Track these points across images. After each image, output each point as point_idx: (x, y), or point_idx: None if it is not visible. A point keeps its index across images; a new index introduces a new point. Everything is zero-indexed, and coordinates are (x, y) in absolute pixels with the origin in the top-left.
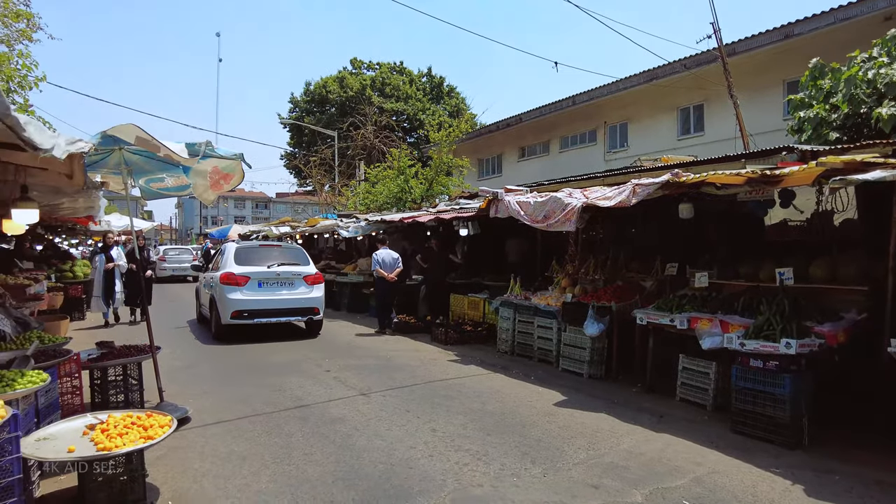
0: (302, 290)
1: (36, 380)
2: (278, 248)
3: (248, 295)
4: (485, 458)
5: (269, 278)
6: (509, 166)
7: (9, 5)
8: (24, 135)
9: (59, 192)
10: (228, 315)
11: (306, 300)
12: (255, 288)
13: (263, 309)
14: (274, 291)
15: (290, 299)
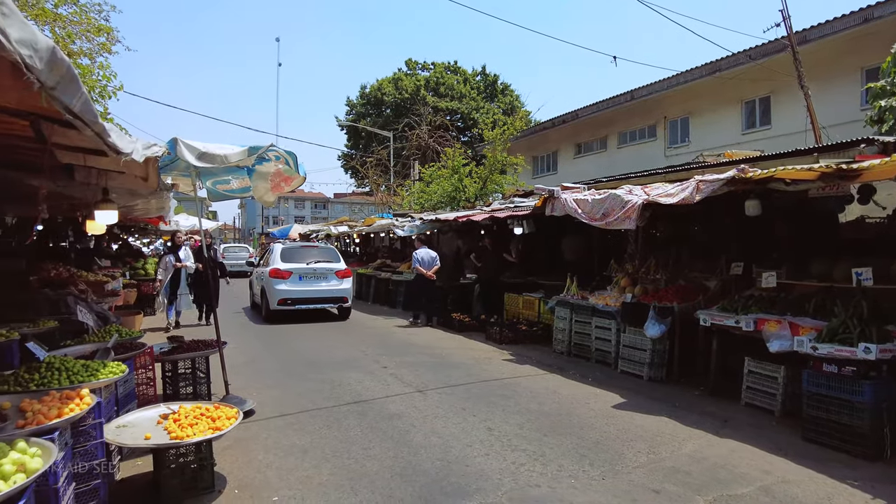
0: (334, 283)
1: (116, 371)
2: (316, 248)
3: (290, 286)
4: (542, 458)
5: (308, 273)
6: (565, 163)
7: (91, 21)
8: (109, 140)
9: (134, 194)
10: (275, 302)
11: (338, 291)
12: (297, 280)
13: (303, 297)
14: (311, 283)
15: (324, 290)
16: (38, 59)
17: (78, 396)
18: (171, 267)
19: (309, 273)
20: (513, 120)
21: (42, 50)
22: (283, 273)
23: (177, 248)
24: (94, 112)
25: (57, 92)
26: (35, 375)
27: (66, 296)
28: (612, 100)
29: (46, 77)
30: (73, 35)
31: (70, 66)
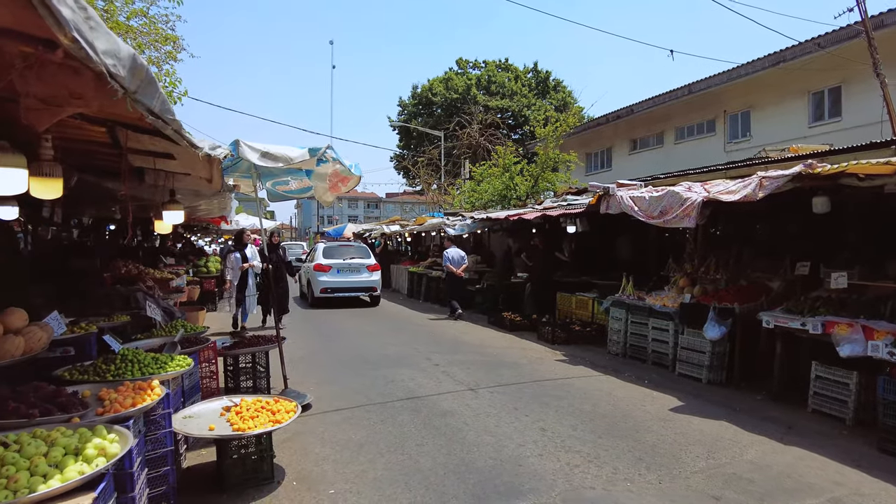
0: (365, 275)
1: (183, 364)
2: (352, 247)
3: (331, 278)
4: (596, 460)
5: (344, 267)
6: (619, 160)
7: (159, 31)
8: (185, 134)
9: (198, 195)
10: (318, 291)
11: (369, 282)
12: (336, 273)
13: (340, 287)
14: (347, 276)
15: (358, 281)
16: (122, 66)
17: (149, 387)
18: (238, 267)
19: (345, 267)
20: (565, 116)
21: (125, 58)
22: (325, 267)
23: (243, 246)
24: (172, 110)
25: (139, 95)
26: (111, 366)
27: (136, 292)
28: (668, 94)
29: (129, 83)
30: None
31: (148, 69)
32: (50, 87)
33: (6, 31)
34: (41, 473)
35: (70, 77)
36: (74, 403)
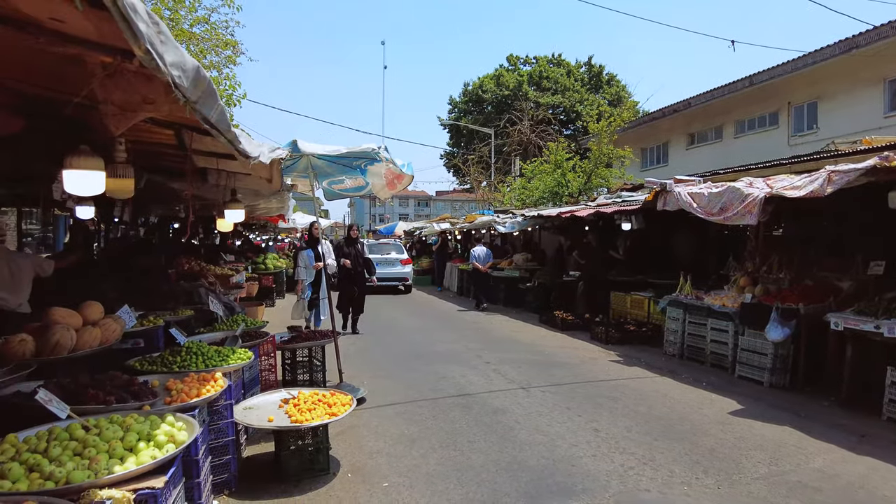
0: (399, 268)
1: (243, 357)
2: (388, 244)
3: None
4: (651, 463)
5: (382, 261)
6: (676, 155)
7: (220, 37)
8: (239, 146)
9: (258, 194)
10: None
11: (402, 273)
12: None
13: (380, 277)
14: (385, 268)
15: (393, 272)
16: (186, 78)
17: (213, 379)
18: (312, 266)
19: (383, 261)
20: (619, 111)
21: (189, 70)
22: None
23: (315, 242)
24: (228, 122)
25: (198, 105)
26: (177, 358)
27: (198, 287)
28: (728, 86)
29: (191, 93)
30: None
31: (210, 81)
32: (126, 94)
33: (90, 42)
34: (118, 456)
35: (144, 84)
36: (145, 392)
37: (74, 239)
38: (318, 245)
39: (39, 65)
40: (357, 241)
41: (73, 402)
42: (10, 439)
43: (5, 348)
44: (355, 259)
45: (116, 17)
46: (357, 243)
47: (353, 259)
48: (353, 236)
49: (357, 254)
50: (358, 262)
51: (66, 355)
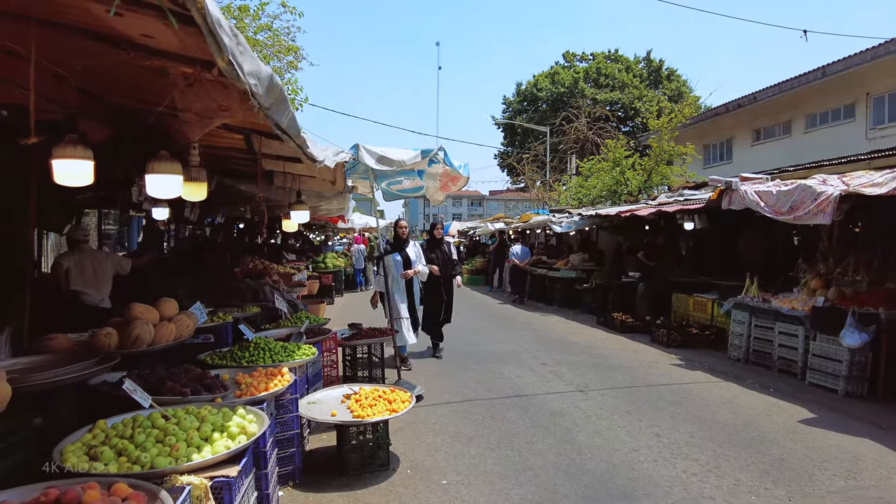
0: None
1: (308, 353)
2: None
3: None
4: (716, 470)
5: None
6: (741, 152)
7: (282, 43)
8: (307, 150)
9: (320, 196)
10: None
11: None
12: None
13: None
14: None
15: None
16: (261, 86)
17: (279, 373)
18: (400, 274)
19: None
20: (680, 107)
21: (264, 78)
22: None
23: (403, 244)
24: (298, 127)
25: (271, 112)
26: (245, 353)
27: (263, 286)
28: (797, 79)
29: (265, 100)
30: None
31: (282, 89)
32: (204, 102)
33: (174, 55)
34: (195, 445)
35: (220, 92)
36: (217, 385)
37: (148, 239)
38: (406, 247)
39: (127, 78)
40: (442, 242)
41: (153, 392)
42: (100, 425)
43: (93, 341)
44: (443, 265)
45: (205, 33)
46: (442, 244)
47: (440, 265)
48: (436, 236)
49: (445, 259)
50: (447, 266)
51: (145, 349)
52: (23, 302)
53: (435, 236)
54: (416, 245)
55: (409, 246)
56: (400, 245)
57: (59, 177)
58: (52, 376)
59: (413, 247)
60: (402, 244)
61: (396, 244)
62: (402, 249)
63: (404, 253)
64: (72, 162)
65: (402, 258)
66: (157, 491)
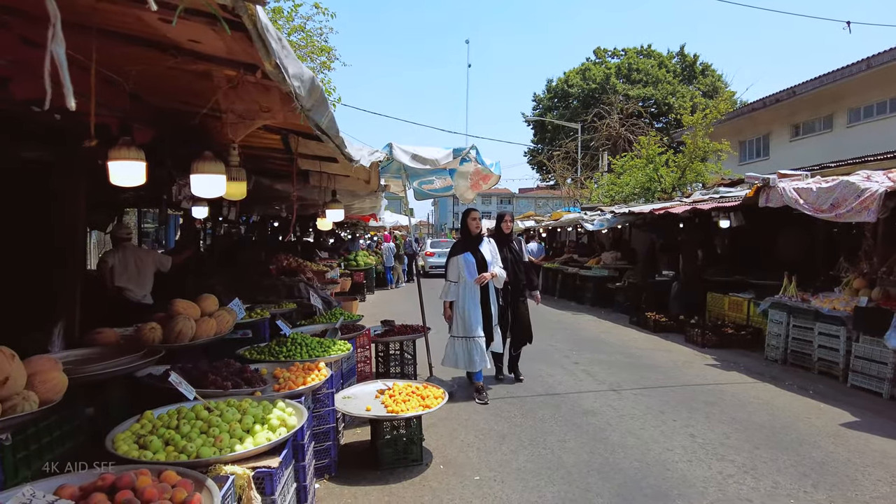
0: None
1: (343, 348)
2: (444, 241)
3: (433, 260)
4: (753, 472)
5: (440, 252)
6: (778, 148)
7: (314, 43)
8: (345, 150)
9: (354, 194)
10: (427, 268)
11: None
12: (436, 257)
13: (439, 266)
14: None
15: None
16: (303, 87)
17: (316, 368)
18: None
19: (441, 253)
20: (715, 102)
21: (306, 80)
22: (431, 253)
23: (477, 241)
24: (337, 128)
25: (312, 113)
26: (283, 348)
27: (298, 282)
28: (840, 71)
29: (306, 101)
30: (301, 57)
31: (322, 91)
32: (246, 103)
33: (219, 59)
34: (237, 436)
35: (262, 94)
36: (257, 379)
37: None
38: (481, 244)
39: (172, 81)
40: (511, 238)
41: (195, 385)
42: (147, 415)
43: (138, 335)
44: (514, 267)
45: (254, 38)
46: (512, 241)
47: (511, 267)
48: (505, 231)
49: (515, 259)
50: (518, 271)
51: (187, 343)
52: (73, 297)
53: (503, 231)
54: (491, 242)
55: (482, 243)
56: (472, 242)
57: (115, 177)
58: (101, 368)
59: (487, 244)
60: (474, 241)
61: (467, 241)
62: (474, 248)
63: (478, 252)
64: (126, 163)
65: (476, 259)
66: (203, 479)
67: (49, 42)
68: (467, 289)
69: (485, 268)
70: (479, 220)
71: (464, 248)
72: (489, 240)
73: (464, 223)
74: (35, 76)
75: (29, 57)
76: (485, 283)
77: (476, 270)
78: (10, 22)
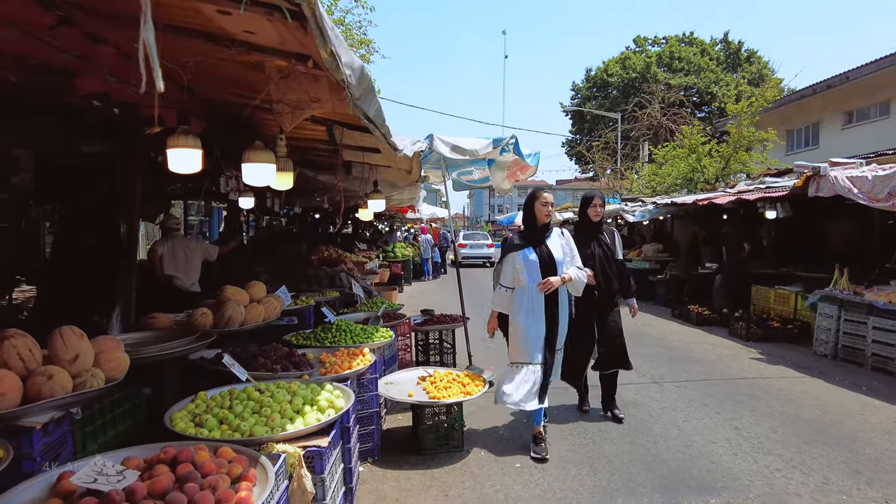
0: (485, 249)
1: (385, 335)
2: (478, 234)
3: (465, 251)
4: (802, 467)
5: (472, 244)
6: (829, 136)
7: (354, 36)
8: (390, 140)
9: (394, 185)
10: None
11: (487, 254)
12: (469, 248)
13: (470, 256)
14: (474, 250)
15: (480, 253)
16: (354, 76)
17: (361, 353)
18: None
19: (473, 244)
20: (762, 90)
21: (356, 69)
22: (463, 244)
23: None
24: (384, 117)
25: (360, 102)
26: (328, 335)
27: (339, 272)
28: None
29: (355, 90)
30: None
31: (370, 80)
32: (297, 93)
33: (271, 49)
34: (288, 417)
35: (311, 84)
36: (304, 363)
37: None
38: (548, 238)
39: (224, 73)
40: (601, 228)
41: (246, 368)
42: (201, 396)
43: (190, 320)
44: (604, 266)
45: (312, 26)
46: (602, 233)
47: (600, 266)
48: (593, 219)
49: (606, 256)
50: (609, 271)
51: (237, 328)
52: (130, 284)
53: (591, 218)
54: (565, 235)
55: (551, 236)
56: (536, 234)
57: (173, 165)
58: (158, 350)
59: (558, 237)
60: (540, 233)
61: (531, 233)
62: (540, 242)
63: (544, 247)
64: (184, 151)
65: (541, 256)
66: (257, 456)
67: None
68: (525, 296)
69: (553, 269)
70: (552, 205)
71: (525, 243)
72: (562, 232)
73: (529, 209)
74: (98, 71)
75: (94, 52)
76: (552, 289)
77: (540, 272)
78: (78, 18)
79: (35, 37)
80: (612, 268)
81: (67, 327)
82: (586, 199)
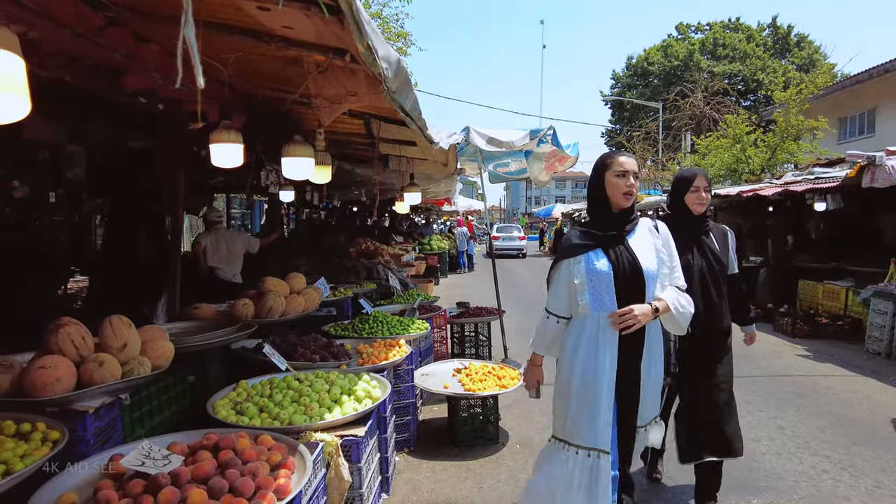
0: (517, 242)
1: (421, 327)
2: (511, 226)
3: (499, 243)
4: (851, 469)
5: (506, 237)
6: (886, 124)
7: (391, 29)
8: (427, 132)
9: (430, 178)
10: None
11: (519, 246)
12: (501, 241)
13: (503, 248)
14: (507, 242)
15: (513, 245)
16: (391, 70)
17: (397, 345)
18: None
19: (506, 237)
20: (812, 76)
21: (393, 62)
22: (496, 237)
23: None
24: (420, 110)
25: (397, 95)
26: (365, 326)
27: (376, 264)
28: None
29: (392, 83)
30: None
31: (406, 73)
32: (334, 88)
33: (309, 44)
34: (326, 406)
35: (348, 78)
36: (342, 353)
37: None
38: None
39: (263, 68)
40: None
41: (285, 358)
42: (242, 384)
43: (232, 310)
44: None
45: (349, 20)
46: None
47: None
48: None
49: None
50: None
51: (277, 319)
52: (174, 275)
53: (689, 209)
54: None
55: (636, 231)
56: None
57: (216, 159)
58: (202, 340)
59: (649, 233)
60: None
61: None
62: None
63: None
64: (226, 146)
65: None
66: (295, 444)
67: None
68: (587, 332)
69: (639, 287)
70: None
71: (590, 242)
72: (655, 225)
73: (597, 184)
74: (145, 69)
75: (140, 51)
76: (636, 326)
77: (615, 293)
78: (126, 19)
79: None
80: (721, 286)
81: (116, 316)
82: (683, 181)
